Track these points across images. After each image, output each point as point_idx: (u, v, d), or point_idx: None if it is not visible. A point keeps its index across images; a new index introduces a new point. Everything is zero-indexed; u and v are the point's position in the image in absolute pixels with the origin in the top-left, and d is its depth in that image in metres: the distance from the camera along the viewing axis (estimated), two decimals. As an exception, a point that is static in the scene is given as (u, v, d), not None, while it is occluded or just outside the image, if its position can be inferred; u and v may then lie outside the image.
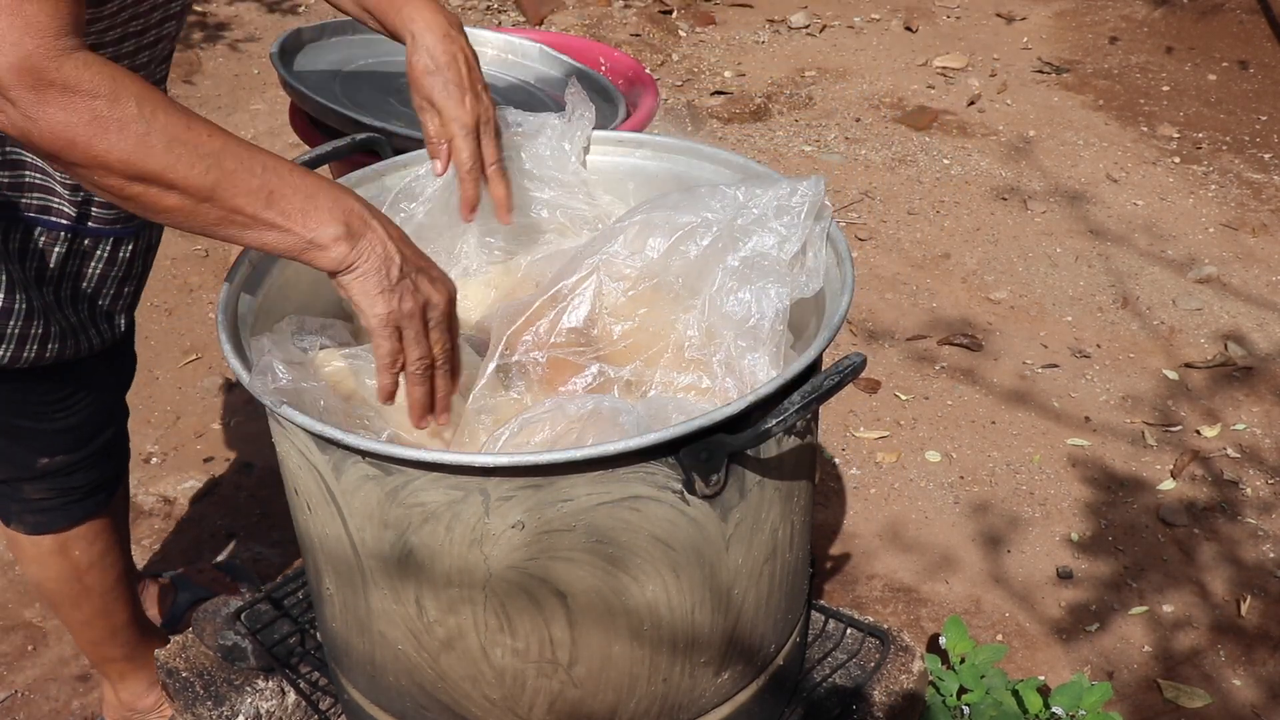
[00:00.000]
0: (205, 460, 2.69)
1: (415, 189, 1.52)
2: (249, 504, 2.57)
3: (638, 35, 4.85)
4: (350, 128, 1.83)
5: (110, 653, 1.89)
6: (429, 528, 1.13)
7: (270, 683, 1.65)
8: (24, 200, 1.44)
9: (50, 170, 1.44)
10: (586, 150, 1.57)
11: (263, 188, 1.10)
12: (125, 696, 1.95)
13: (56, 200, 1.46)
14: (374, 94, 2.02)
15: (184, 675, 1.67)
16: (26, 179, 1.43)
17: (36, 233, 1.47)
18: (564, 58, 2.22)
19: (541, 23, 4.95)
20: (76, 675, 2.19)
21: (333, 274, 1.15)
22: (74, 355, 1.57)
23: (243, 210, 1.10)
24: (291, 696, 1.65)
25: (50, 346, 1.51)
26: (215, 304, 1.30)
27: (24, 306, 1.46)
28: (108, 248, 1.55)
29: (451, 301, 1.20)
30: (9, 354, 1.48)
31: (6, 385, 1.54)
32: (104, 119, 1.05)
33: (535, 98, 2.13)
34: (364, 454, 1.11)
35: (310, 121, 2.02)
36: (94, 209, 1.50)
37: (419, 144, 1.60)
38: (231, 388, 2.91)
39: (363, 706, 1.41)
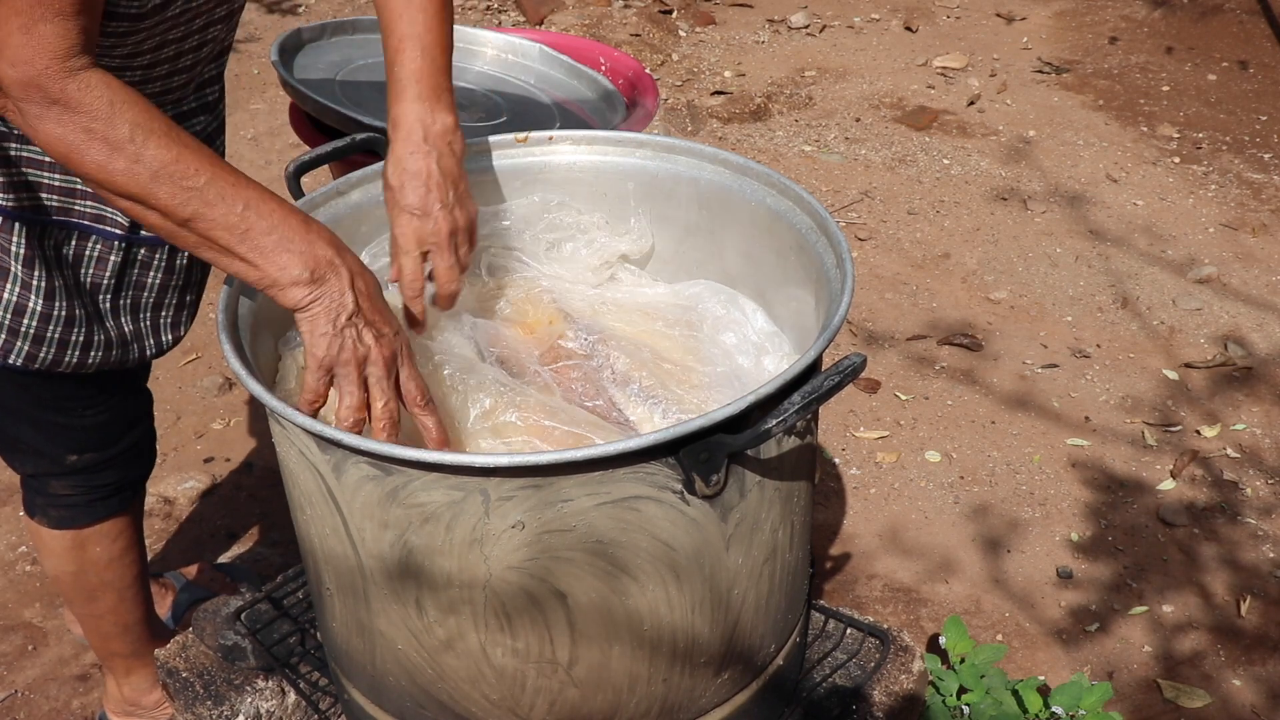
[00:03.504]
0: (205, 460, 2.69)
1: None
2: (249, 504, 2.57)
3: (638, 35, 4.85)
4: (350, 128, 1.83)
5: (119, 648, 1.90)
6: (429, 528, 1.13)
7: (270, 683, 1.65)
8: (77, 207, 1.46)
9: None
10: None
11: (239, 224, 1.15)
12: (129, 692, 1.96)
13: (110, 209, 1.48)
14: (374, 94, 2.02)
15: (184, 675, 1.67)
16: (79, 187, 1.45)
17: (92, 241, 1.49)
18: (564, 58, 2.22)
19: (541, 23, 4.95)
20: (76, 675, 2.19)
21: (293, 310, 1.20)
22: (119, 364, 1.59)
23: (217, 241, 1.16)
24: (291, 696, 1.65)
25: (94, 354, 1.54)
26: (215, 304, 1.30)
27: (64, 313, 1.48)
28: (164, 256, 1.57)
29: (393, 359, 1.21)
30: (49, 356, 1.50)
31: (38, 380, 1.55)
32: (96, 140, 1.11)
33: (535, 98, 2.13)
34: (364, 454, 1.11)
35: (310, 121, 2.02)
36: None
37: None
38: (231, 388, 2.91)
39: (363, 706, 1.41)
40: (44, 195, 1.43)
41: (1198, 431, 2.71)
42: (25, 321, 1.46)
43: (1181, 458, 2.63)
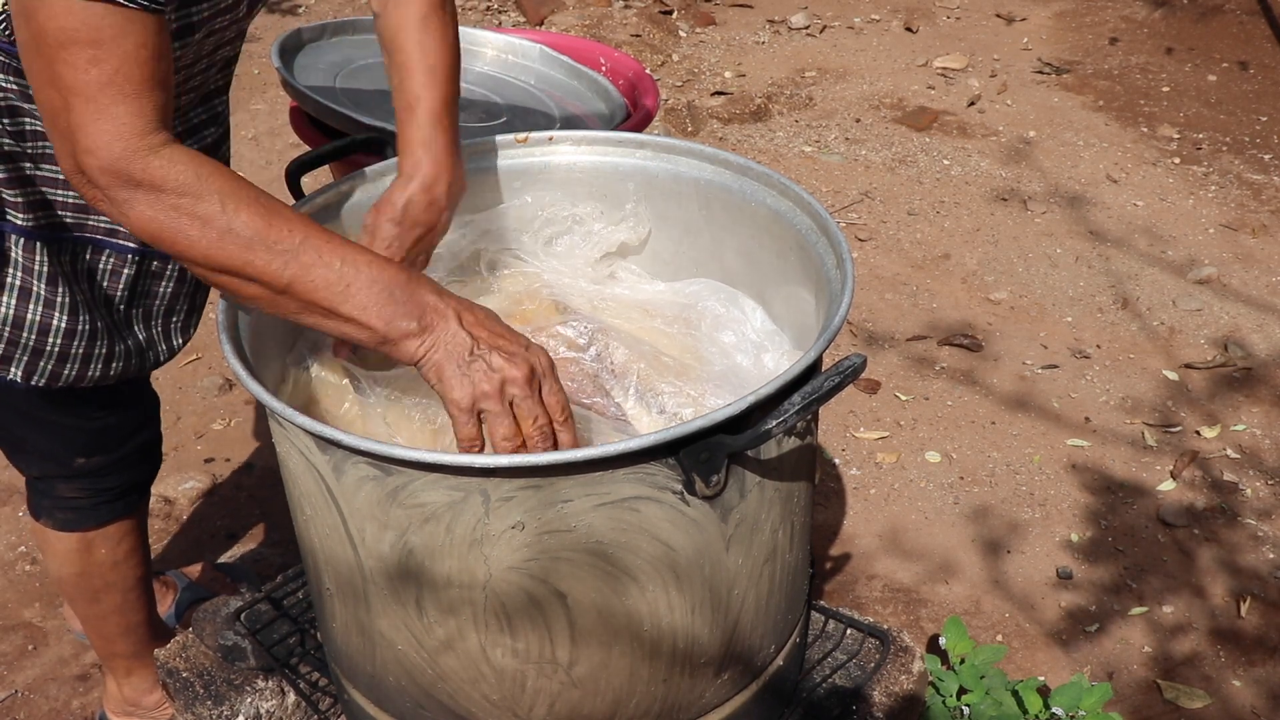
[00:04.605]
0: (205, 460, 2.69)
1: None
2: (249, 504, 2.57)
3: (638, 36, 4.85)
4: (350, 128, 1.83)
5: (120, 649, 1.90)
6: (429, 528, 1.13)
7: (270, 683, 1.65)
8: (91, 222, 1.47)
9: None
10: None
11: (339, 281, 1.12)
12: (129, 692, 1.96)
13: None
14: (374, 94, 2.02)
15: (184, 675, 1.67)
16: None
17: (105, 255, 1.49)
18: (564, 58, 2.22)
19: (542, 23, 4.95)
20: (76, 675, 2.19)
21: (413, 364, 1.16)
22: (138, 373, 1.61)
23: (320, 303, 1.13)
24: (291, 696, 1.65)
25: (115, 365, 1.55)
26: (215, 304, 1.30)
27: (88, 328, 1.49)
28: (176, 266, 1.57)
29: (532, 374, 1.16)
30: (74, 373, 1.51)
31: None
32: (185, 216, 1.09)
33: (535, 98, 2.13)
34: (364, 454, 1.11)
35: (310, 121, 2.02)
36: None
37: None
38: (231, 388, 2.91)
39: (363, 707, 1.41)
40: (60, 213, 1.44)
41: (1198, 432, 2.72)
42: (50, 340, 1.47)
43: (1181, 459, 2.63)
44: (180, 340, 1.65)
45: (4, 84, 1.33)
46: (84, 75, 1.05)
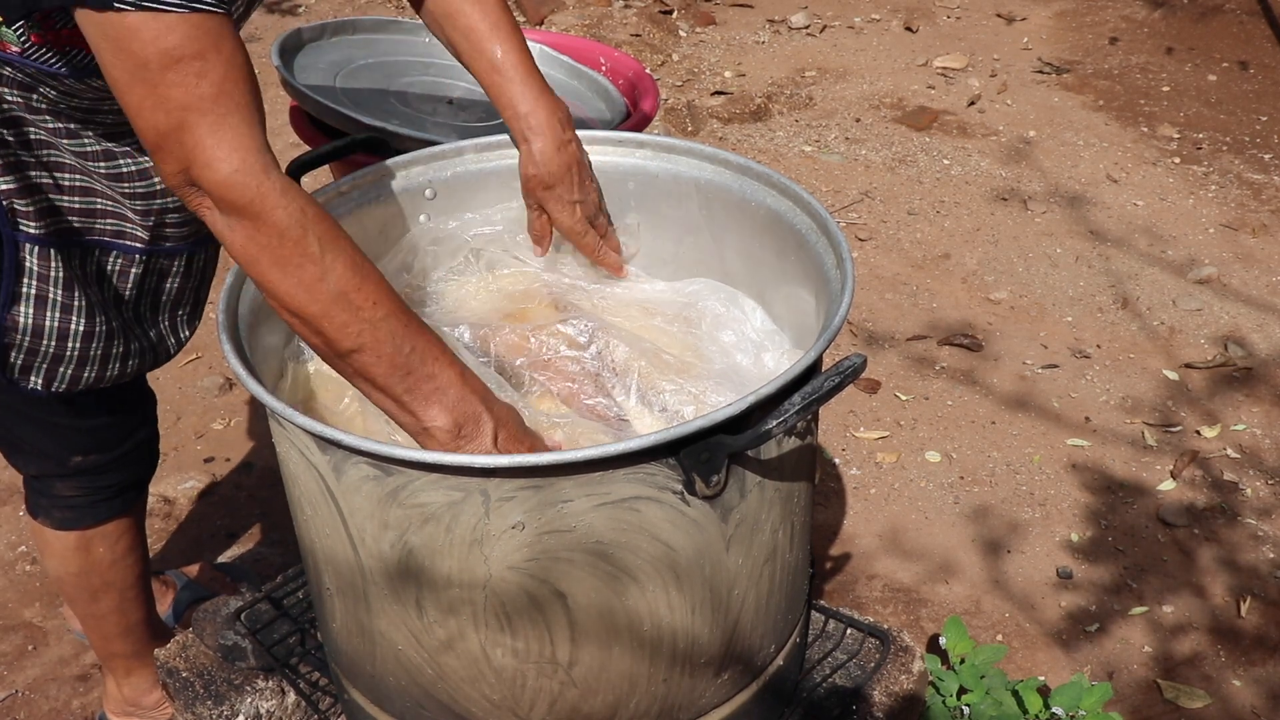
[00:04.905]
0: (205, 460, 2.69)
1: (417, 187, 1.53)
2: (249, 504, 2.57)
3: (638, 35, 4.85)
4: (350, 128, 1.83)
5: (120, 648, 1.90)
6: (429, 528, 1.13)
7: (270, 682, 1.65)
8: (98, 225, 1.48)
9: (120, 196, 1.46)
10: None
11: (403, 366, 1.14)
12: (129, 692, 1.96)
13: (129, 225, 1.50)
14: (374, 94, 2.02)
15: (184, 675, 1.67)
16: (98, 206, 1.47)
17: (113, 256, 1.50)
18: (564, 58, 2.22)
19: (542, 23, 4.95)
20: (76, 675, 2.19)
21: None
22: (152, 367, 1.62)
23: (375, 379, 1.14)
24: (291, 696, 1.65)
25: (131, 363, 1.56)
26: (215, 304, 1.30)
27: (104, 328, 1.50)
28: (183, 262, 1.59)
29: None
30: (92, 375, 1.52)
31: None
32: (286, 255, 1.10)
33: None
34: (364, 454, 1.11)
35: (310, 121, 2.02)
36: (167, 229, 1.53)
37: (419, 144, 1.60)
38: (231, 388, 2.91)
39: (363, 706, 1.41)
40: (68, 218, 1.44)
41: (1198, 432, 2.71)
42: (70, 345, 1.48)
43: (1181, 458, 2.63)
44: (187, 332, 1.66)
45: (9, 97, 1.33)
46: (195, 90, 1.07)
